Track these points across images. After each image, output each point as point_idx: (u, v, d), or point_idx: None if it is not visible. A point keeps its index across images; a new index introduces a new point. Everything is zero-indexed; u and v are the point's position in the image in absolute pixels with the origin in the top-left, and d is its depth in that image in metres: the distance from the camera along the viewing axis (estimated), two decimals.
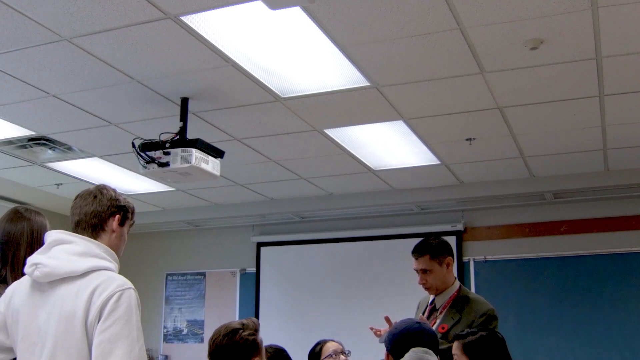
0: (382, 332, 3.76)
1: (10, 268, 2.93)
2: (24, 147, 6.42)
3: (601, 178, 7.24)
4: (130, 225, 2.64)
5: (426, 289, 4.02)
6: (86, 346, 2.28)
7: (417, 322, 2.91)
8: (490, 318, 3.79)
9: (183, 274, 9.53)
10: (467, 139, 6.16)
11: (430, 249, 3.99)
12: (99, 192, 2.57)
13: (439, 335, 3.63)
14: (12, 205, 3.20)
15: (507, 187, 7.54)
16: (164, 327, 9.47)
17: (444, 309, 3.92)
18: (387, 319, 3.69)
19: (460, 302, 3.90)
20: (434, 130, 5.98)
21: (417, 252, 4.01)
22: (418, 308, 4.23)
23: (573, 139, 6.21)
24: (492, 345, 3.20)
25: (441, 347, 3.18)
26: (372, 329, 3.85)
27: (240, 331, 2.93)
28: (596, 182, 7.26)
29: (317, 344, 4.00)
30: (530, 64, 4.65)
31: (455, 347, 3.25)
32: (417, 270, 4.01)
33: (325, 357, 3.89)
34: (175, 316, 9.47)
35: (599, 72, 4.79)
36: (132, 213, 2.64)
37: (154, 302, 9.49)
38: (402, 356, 2.72)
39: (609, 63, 4.65)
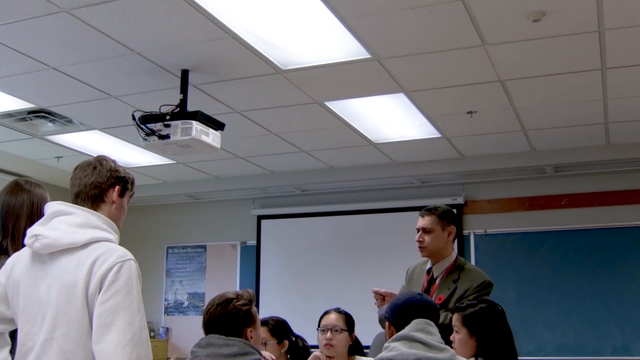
0: (383, 294, 3.79)
1: (11, 239, 2.93)
2: (24, 120, 6.41)
3: (602, 152, 7.23)
4: (130, 196, 2.63)
5: (421, 248, 3.97)
6: (87, 317, 2.29)
7: (419, 294, 2.92)
8: (487, 285, 3.81)
9: (184, 247, 9.56)
10: (468, 112, 6.15)
11: (439, 210, 4.00)
12: (99, 163, 2.56)
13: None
14: (12, 179, 3.20)
15: (508, 160, 7.53)
16: (165, 300, 9.51)
17: (441, 279, 3.92)
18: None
19: (456, 272, 3.90)
20: (435, 103, 5.96)
21: (427, 210, 4.02)
22: (408, 275, 4.22)
23: (574, 113, 6.19)
24: (491, 318, 3.21)
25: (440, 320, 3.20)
26: (375, 292, 3.84)
27: (234, 301, 2.92)
28: (597, 156, 7.26)
29: (324, 312, 4.02)
30: (532, 37, 4.63)
31: (455, 318, 3.27)
32: (418, 229, 4.00)
33: (319, 329, 3.92)
34: (176, 289, 9.51)
35: (601, 45, 4.77)
36: (132, 184, 2.63)
37: (155, 275, 9.52)
38: (404, 327, 2.72)
39: (612, 36, 4.62)
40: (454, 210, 4.16)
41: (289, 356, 4.19)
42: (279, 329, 4.13)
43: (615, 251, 7.42)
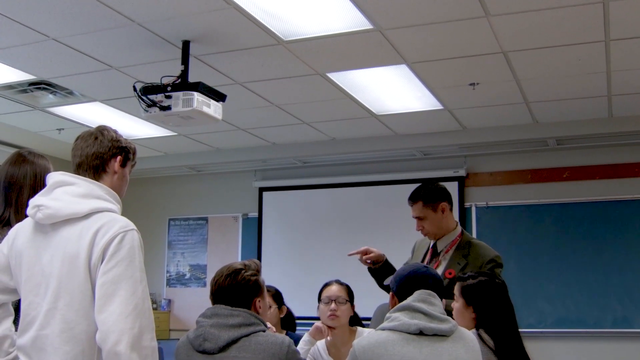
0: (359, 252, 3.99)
1: (14, 210, 2.94)
2: (24, 91, 6.39)
3: (605, 125, 7.22)
4: (132, 167, 2.63)
5: (424, 234, 4.04)
6: (90, 287, 2.30)
7: (425, 266, 2.94)
8: (495, 266, 3.80)
9: (185, 219, 9.58)
10: (470, 84, 6.13)
11: (423, 195, 3.97)
12: (100, 133, 2.56)
13: (446, 281, 3.65)
14: (13, 151, 3.19)
15: (510, 132, 7.52)
16: (167, 272, 9.54)
17: (446, 252, 3.92)
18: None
19: (464, 247, 3.90)
20: (437, 75, 5.93)
21: (411, 199, 4.01)
22: (414, 249, 4.24)
23: (577, 85, 6.17)
24: (489, 290, 3.23)
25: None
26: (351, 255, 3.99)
27: (243, 272, 2.95)
28: (599, 129, 7.25)
29: (324, 284, 4.05)
30: (536, 7, 4.59)
31: (456, 287, 3.30)
32: (414, 217, 4.03)
33: (321, 301, 3.94)
34: (178, 261, 9.54)
35: (605, 16, 4.73)
36: (134, 154, 2.63)
37: (157, 247, 9.55)
38: (407, 298, 2.74)
39: (616, 7, 4.59)
40: (449, 185, 4.16)
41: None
42: (279, 296, 4.27)
43: (616, 224, 7.42)
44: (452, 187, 7.79)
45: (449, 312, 2.91)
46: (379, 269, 4.05)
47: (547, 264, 7.59)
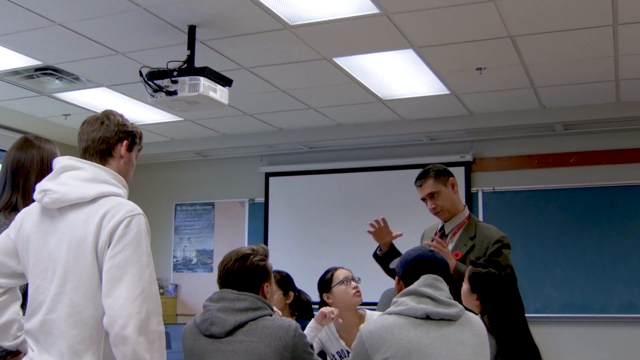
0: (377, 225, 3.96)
1: (22, 195, 2.95)
2: (30, 77, 6.39)
3: (612, 109, 7.19)
4: (139, 151, 2.63)
5: (437, 213, 3.98)
6: (97, 271, 2.30)
7: (430, 250, 2.93)
8: (502, 246, 3.79)
9: (192, 204, 9.59)
10: (477, 69, 6.10)
11: (432, 171, 3.98)
12: (106, 117, 2.56)
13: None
14: (20, 136, 3.19)
15: (517, 117, 7.49)
16: (174, 257, 9.57)
17: (454, 234, 3.92)
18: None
19: (471, 229, 3.89)
20: (444, 60, 5.91)
21: (420, 178, 4.00)
22: (422, 237, 4.23)
23: (585, 70, 6.14)
24: (494, 283, 3.23)
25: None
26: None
27: (251, 257, 2.96)
28: (607, 114, 7.22)
29: (327, 271, 4.03)
30: None
31: (467, 270, 3.31)
32: (424, 199, 4.00)
33: (337, 284, 3.92)
34: (185, 246, 9.56)
35: (613, 0, 4.70)
36: (140, 138, 2.63)
37: (164, 232, 9.57)
38: (413, 282, 2.74)
39: None
40: (456, 170, 4.15)
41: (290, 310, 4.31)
42: (285, 281, 4.26)
43: (623, 209, 7.40)
44: (459, 172, 7.78)
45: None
46: (385, 254, 4.05)
47: (553, 249, 7.58)
